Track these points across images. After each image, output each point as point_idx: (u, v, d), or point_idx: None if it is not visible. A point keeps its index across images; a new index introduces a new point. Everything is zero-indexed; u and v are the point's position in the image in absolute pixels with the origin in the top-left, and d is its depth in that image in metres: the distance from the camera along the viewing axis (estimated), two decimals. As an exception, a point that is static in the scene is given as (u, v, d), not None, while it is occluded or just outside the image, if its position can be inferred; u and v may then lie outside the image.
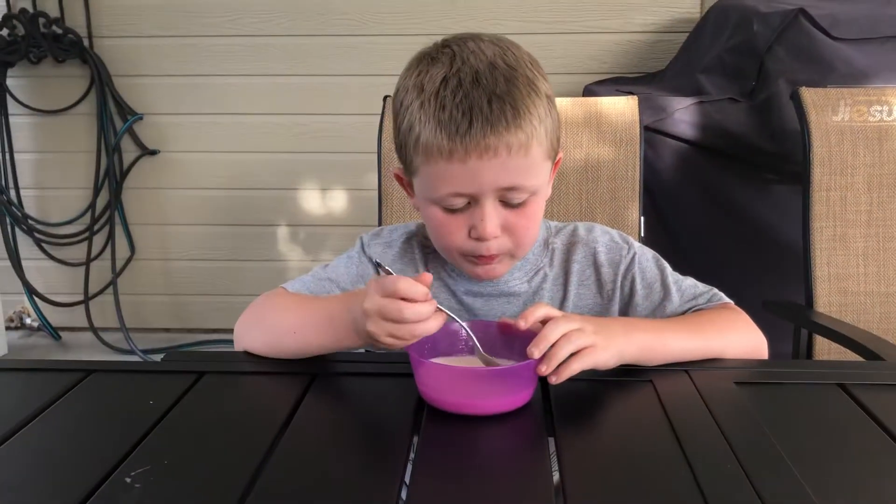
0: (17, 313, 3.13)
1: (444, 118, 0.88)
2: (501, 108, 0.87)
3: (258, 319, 1.00)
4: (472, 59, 0.90)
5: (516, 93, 0.89)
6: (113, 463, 0.70)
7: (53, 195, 3.01)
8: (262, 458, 0.71)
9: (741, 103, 2.08)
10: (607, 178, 1.52)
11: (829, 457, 0.73)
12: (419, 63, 0.95)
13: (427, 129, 0.89)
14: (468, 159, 0.88)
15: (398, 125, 0.95)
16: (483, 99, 0.87)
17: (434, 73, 0.91)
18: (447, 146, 0.88)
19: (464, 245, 0.95)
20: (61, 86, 2.88)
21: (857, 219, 1.60)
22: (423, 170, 0.93)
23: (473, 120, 0.87)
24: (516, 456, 0.75)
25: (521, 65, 0.92)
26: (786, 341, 1.62)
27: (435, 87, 0.89)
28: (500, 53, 0.92)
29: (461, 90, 0.88)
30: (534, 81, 0.91)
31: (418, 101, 0.91)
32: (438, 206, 0.94)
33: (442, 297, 1.06)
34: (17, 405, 0.84)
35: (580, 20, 2.73)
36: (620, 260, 1.06)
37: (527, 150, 0.90)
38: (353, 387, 0.91)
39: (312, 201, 2.96)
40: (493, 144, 0.87)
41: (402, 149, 0.96)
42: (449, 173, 0.90)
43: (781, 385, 0.90)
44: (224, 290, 3.07)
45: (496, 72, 0.89)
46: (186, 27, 2.81)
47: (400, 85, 0.96)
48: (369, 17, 2.76)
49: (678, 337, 0.94)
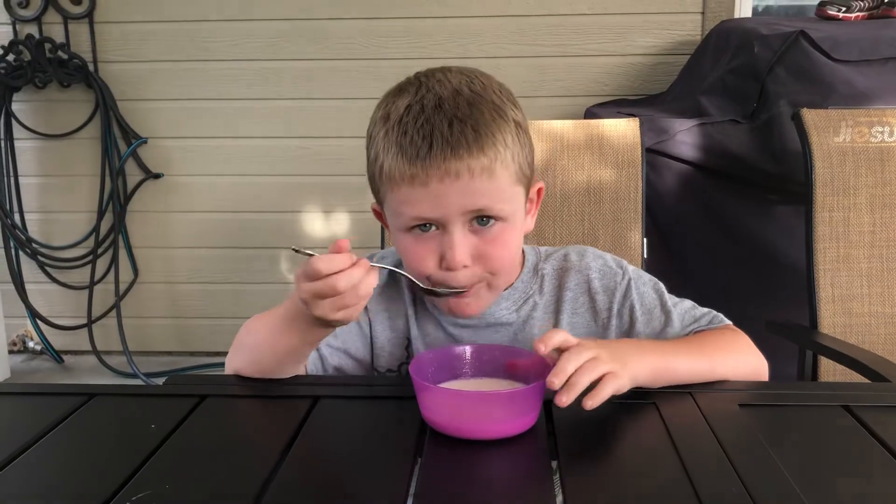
0: (20, 336, 3.13)
1: (406, 143, 0.87)
2: (462, 130, 0.87)
3: (238, 345, 0.98)
4: (436, 88, 0.90)
5: (479, 116, 0.88)
6: (115, 487, 0.70)
7: (57, 219, 3.02)
8: (265, 482, 0.71)
9: (743, 125, 2.08)
10: (609, 200, 1.53)
11: (835, 479, 0.73)
12: (387, 96, 0.95)
13: (389, 156, 0.89)
14: (430, 182, 0.87)
15: (368, 157, 0.95)
16: (444, 123, 0.87)
17: (399, 103, 0.91)
18: (408, 171, 0.87)
19: (435, 274, 0.93)
20: (66, 110, 2.90)
21: (860, 239, 1.60)
22: (389, 197, 0.92)
23: (434, 143, 0.86)
24: (520, 480, 0.75)
25: (487, 92, 0.91)
26: (790, 363, 1.62)
27: (399, 115, 0.89)
28: (468, 82, 0.91)
29: (423, 115, 0.88)
30: (500, 107, 0.91)
31: (383, 130, 0.91)
32: (409, 235, 0.93)
33: (429, 329, 1.04)
34: (20, 429, 0.84)
35: (581, 43, 2.75)
36: (616, 287, 1.03)
37: (490, 173, 0.88)
38: (356, 410, 0.90)
39: (315, 223, 2.97)
40: (454, 168, 0.86)
41: (372, 180, 0.95)
42: (413, 198, 0.89)
43: (786, 407, 0.89)
44: (227, 314, 3.07)
45: (459, 98, 0.89)
46: (190, 52, 2.83)
47: (371, 120, 0.96)
48: (371, 42, 2.78)
49: (686, 360, 0.92)
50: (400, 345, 1.05)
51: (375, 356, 1.05)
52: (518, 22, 2.73)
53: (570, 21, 2.73)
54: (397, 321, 1.05)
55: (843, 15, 2.36)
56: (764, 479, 0.70)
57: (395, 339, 1.05)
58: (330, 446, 0.81)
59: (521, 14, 2.72)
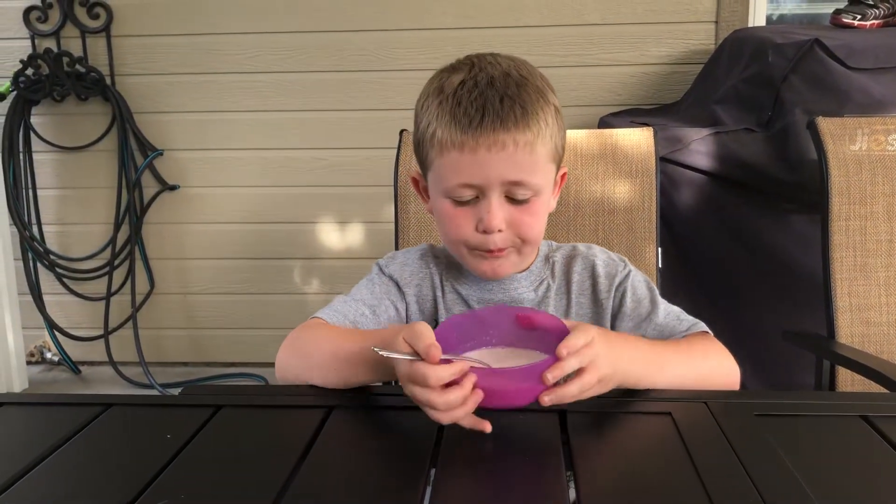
0: (38, 347, 3.15)
1: (459, 113, 0.96)
2: (511, 106, 0.96)
3: (299, 356, 1.02)
4: (488, 68, 0.99)
5: (526, 96, 0.98)
6: (131, 497, 0.70)
7: (75, 230, 3.05)
8: (280, 492, 0.71)
9: (757, 133, 2.08)
10: (624, 210, 1.52)
11: (853, 490, 0.72)
12: (441, 73, 1.04)
13: (443, 124, 0.98)
14: (478, 150, 0.96)
15: (417, 126, 1.04)
16: (496, 98, 0.96)
17: (454, 78, 1.00)
18: (460, 138, 0.96)
19: (471, 238, 1.02)
20: (84, 123, 2.93)
21: (877, 248, 1.59)
22: (436, 162, 1.00)
23: (485, 115, 0.95)
24: (534, 489, 0.74)
25: (533, 77, 1.01)
26: (807, 373, 1.61)
27: (453, 89, 0.99)
28: (515, 66, 1.01)
29: (476, 90, 0.97)
30: (543, 92, 1.01)
31: (437, 101, 0.99)
32: (449, 200, 1.01)
33: (456, 309, 1.13)
34: (37, 439, 0.85)
35: (595, 53, 2.75)
36: (616, 274, 1.13)
37: (532, 147, 0.97)
38: (370, 419, 0.90)
39: (330, 234, 2.98)
40: (501, 138, 0.95)
41: (419, 147, 1.04)
42: (460, 164, 0.97)
43: (803, 417, 0.89)
44: (242, 324, 3.08)
45: (509, 79, 0.98)
46: (206, 64, 2.86)
47: (422, 93, 1.05)
48: (385, 54, 2.79)
49: (671, 368, 0.96)
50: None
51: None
52: (531, 32, 2.74)
53: (582, 31, 2.73)
54: (426, 304, 1.15)
55: (857, 23, 2.35)
56: (781, 490, 0.69)
57: (425, 321, 1.10)
58: (344, 456, 0.81)
59: (534, 24, 2.73)
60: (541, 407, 0.80)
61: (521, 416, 0.86)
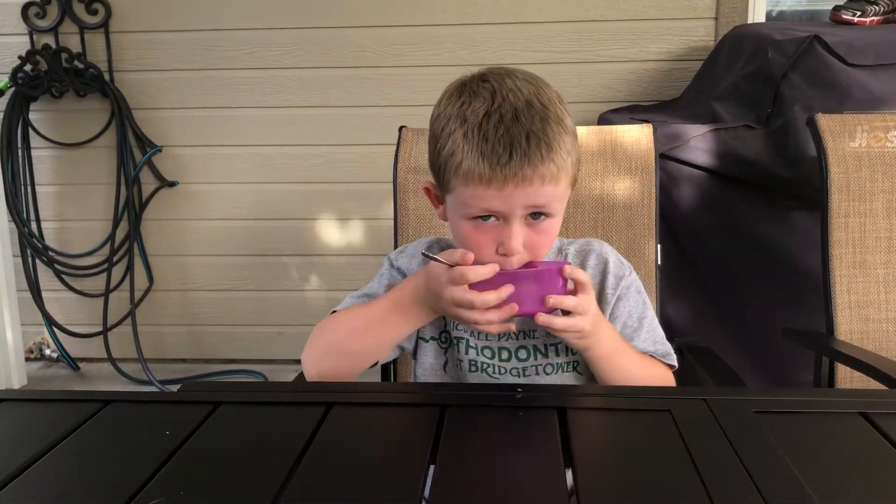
0: (36, 344, 3.15)
1: (487, 150, 0.98)
2: (538, 144, 0.98)
3: (327, 342, 1.10)
4: (511, 97, 1.00)
5: (549, 131, 0.99)
6: (129, 493, 0.70)
7: (73, 227, 3.04)
8: (279, 488, 0.71)
9: (757, 130, 2.07)
10: (623, 206, 1.52)
11: (852, 487, 0.72)
12: (461, 94, 1.04)
13: (470, 158, 0.99)
14: (505, 187, 0.98)
15: (438, 149, 1.05)
16: (522, 135, 0.98)
17: (476, 106, 1.01)
18: (488, 174, 0.98)
19: (490, 259, 1.04)
20: (82, 119, 2.93)
21: (876, 245, 1.59)
22: (459, 190, 1.02)
23: (513, 154, 0.97)
24: (534, 487, 0.74)
25: (552, 104, 1.02)
26: (807, 370, 1.61)
27: (478, 120, 0.99)
28: (535, 93, 1.02)
29: (502, 125, 0.98)
30: (563, 119, 1.02)
31: (461, 131, 1.00)
32: (470, 223, 1.04)
33: None
34: (36, 435, 0.85)
35: (594, 49, 2.75)
36: (623, 276, 1.17)
37: (556, 180, 1.00)
38: (369, 416, 0.90)
39: (329, 231, 2.98)
40: (528, 175, 0.98)
41: (439, 169, 1.05)
42: (486, 196, 1.00)
43: (802, 414, 0.89)
44: (242, 321, 3.08)
45: (532, 110, 1.00)
46: (205, 60, 2.85)
47: (441, 112, 1.05)
48: (385, 50, 2.79)
49: (626, 365, 1.09)
50: (440, 318, 1.15)
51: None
52: (530, 29, 2.73)
53: (582, 27, 2.73)
54: None
55: (857, 19, 2.35)
56: (779, 487, 0.69)
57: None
58: (343, 453, 0.81)
59: (534, 21, 2.73)
60: (540, 403, 0.81)
61: (521, 412, 0.86)
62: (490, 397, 0.94)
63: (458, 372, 1.16)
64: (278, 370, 3.05)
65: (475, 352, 1.14)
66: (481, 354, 1.14)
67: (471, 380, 1.15)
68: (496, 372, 1.14)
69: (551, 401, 0.89)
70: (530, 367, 1.14)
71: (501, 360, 1.14)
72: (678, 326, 2.10)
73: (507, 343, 1.14)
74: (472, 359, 1.15)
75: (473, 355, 1.15)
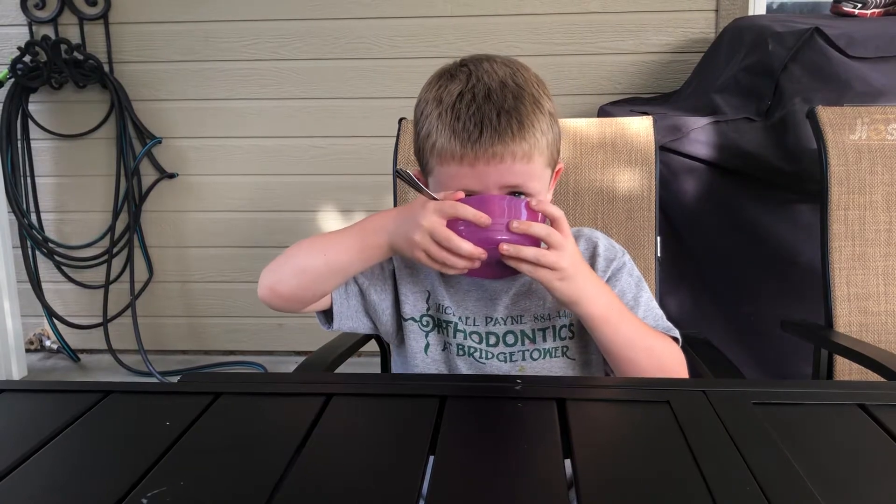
0: (37, 335, 3.15)
1: (458, 128, 0.99)
2: (508, 121, 0.99)
3: (286, 256, 1.10)
4: (485, 78, 1.02)
5: (522, 109, 1.00)
6: (129, 484, 0.71)
7: (73, 218, 3.05)
8: (279, 479, 0.71)
9: (757, 122, 2.07)
10: (623, 199, 1.52)
11: (851, 479, 0.72)
12: (439, 79, 1.06)
13: (443, 137, 1.00)
14: (477, 164, 0.99)
15: (418, 132, 1.07)
16: (493, 112, 0.99)
17: (452, 88, 1.03)
18: (459, 151, 0.99)
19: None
20: (82, 111, 2.93)
21: (876, 238, 1.59)
22: (437, 170, 1.04)
23: (483, 130, 0.98)
24: (532, 478, 0.75)
25: (528, 85, 1.03)
26: (805, 362, 1.61)
27: (452, 100, 1.01)
28: (511, 74, 1.03)
29: (474, 104, 1.00)
30: (539, 100, 1.03)
31: (437, 112, 1.02)
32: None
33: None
34: (36, 426, 0.85)
35: (594, 41, 2.74)
36: (615, 258, 1.17)
37: (529, 158, 1.01)
38: (369, 407, 0.91)
39: (329, 223, 2.98)
40: (499, 152, 0.99)
41: (420, 152, 1.08)
42: (460, 174, 1.01)
43: (801, 406, 0.89)
44: (241, 313, 3.08)
45: (506, 90, 1.01)
46: (204, 52, 2.85)
47: (421, 97, 1.07)
48: (385, 41, 2.79)
49: (627, 324, 1.05)
50: (422, 297, 1.16)
51: (401, 303, 1.17)
52: (531, 20, 2.73)
53: (582, 19, 2.73)
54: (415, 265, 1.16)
55: (858, 11, 2.34)
56: (778, 479, 0.70)
57: (419, 291, 1.16)
58: (343, 444, 0.81)
59: (534, 13, 2.72)
60: (539, 394, 0.81)
61: (520, 403, 0.86)
62: (489, 388, 0.94)
63: (444, 356, 1.15)
64: (278, 362, 3.05)
65: (463, 335, 1.13)
66: (469, 339, 1.13)
67: (457, 364, 1.14)
68: (483, 357, 1.13)
69: (550, 392, 0.89)
70: (517, 352, 1.13)
71: (489, 346, 1.13)
72: (677, 318, 2.10)
73: (494, 328, 1.13)
74: (460, 343, 1.14)
75: (461, 339, 1.13)
